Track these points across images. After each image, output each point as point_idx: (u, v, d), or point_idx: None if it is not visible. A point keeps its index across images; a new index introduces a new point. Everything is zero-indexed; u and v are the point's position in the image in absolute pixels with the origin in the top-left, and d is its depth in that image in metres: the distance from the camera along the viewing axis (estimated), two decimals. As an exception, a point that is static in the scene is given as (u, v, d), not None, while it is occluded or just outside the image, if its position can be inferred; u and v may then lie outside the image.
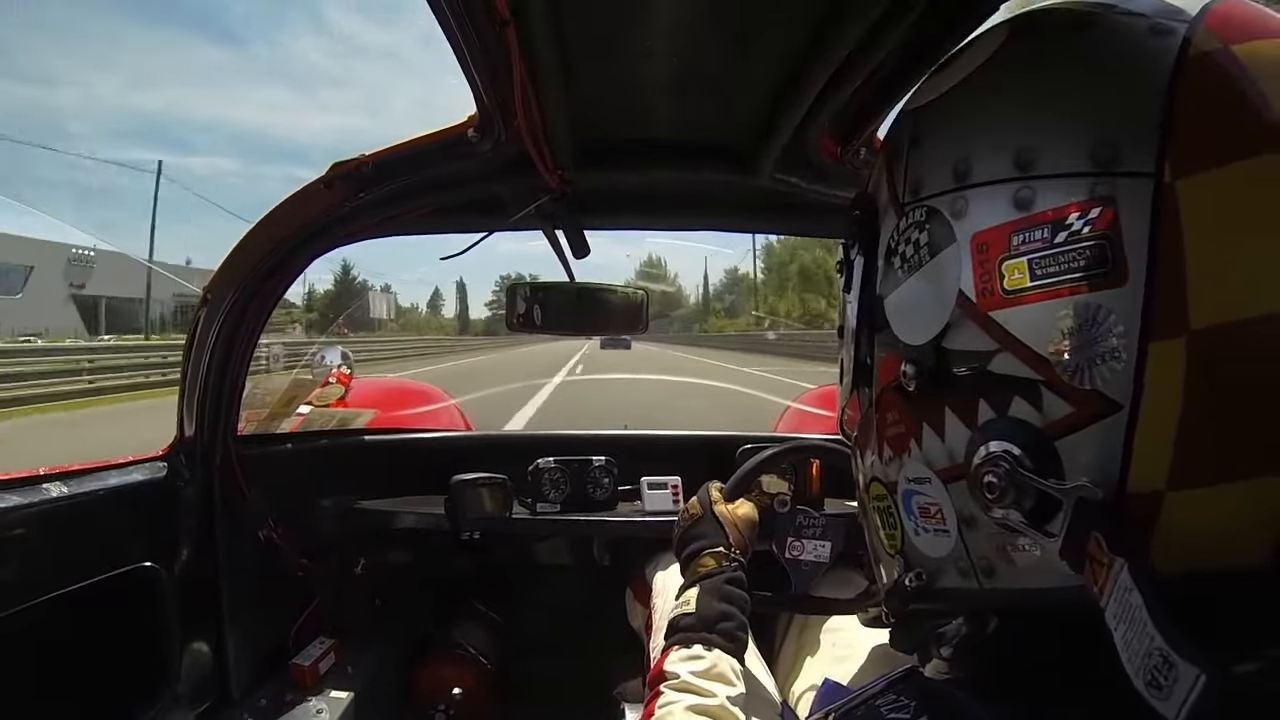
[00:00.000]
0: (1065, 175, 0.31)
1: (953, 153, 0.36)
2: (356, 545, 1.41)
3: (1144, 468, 0.30)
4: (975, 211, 0.34)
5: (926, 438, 0.37)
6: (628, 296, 1.14)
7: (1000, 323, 0.33)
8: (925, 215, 0.36)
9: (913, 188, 0.37)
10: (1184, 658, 0.25)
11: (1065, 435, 0.31)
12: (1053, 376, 0.31)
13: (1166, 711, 0.26)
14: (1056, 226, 0.31)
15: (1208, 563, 0.30)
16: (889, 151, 0.41)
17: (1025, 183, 0.32)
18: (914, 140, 0.38)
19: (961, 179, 0.35)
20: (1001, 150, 0.33)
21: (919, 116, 0.39)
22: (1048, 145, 0.32)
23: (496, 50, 0.66)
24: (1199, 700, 0.25)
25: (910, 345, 0.37)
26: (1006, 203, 0.33)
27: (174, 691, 0.98)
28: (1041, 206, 0.32)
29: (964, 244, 0.34)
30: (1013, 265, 0.32)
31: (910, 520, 0.39)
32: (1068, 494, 0.31)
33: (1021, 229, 0.32)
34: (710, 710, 0.65)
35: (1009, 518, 0.33)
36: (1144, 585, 0.27)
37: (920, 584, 0.39)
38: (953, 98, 0.37)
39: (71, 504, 0.86)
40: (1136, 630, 0.27)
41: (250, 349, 1.07)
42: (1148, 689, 0.27)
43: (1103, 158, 0.30)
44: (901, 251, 0.38)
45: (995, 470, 0.33)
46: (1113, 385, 0.30)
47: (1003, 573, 0.35)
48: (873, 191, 0.42)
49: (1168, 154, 0.29)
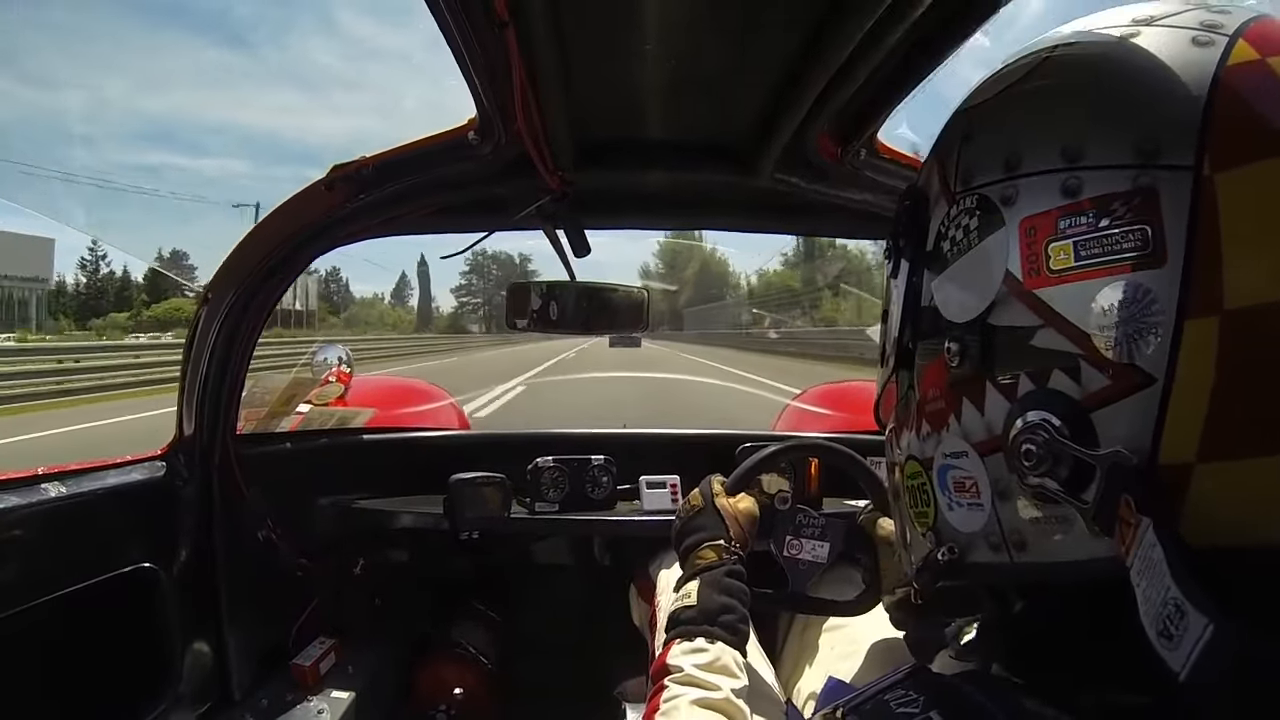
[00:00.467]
0: (1111, 167, 0.34)
1: (1004, 146, 0.38)
2: (356, 545, 1.41)
3: (1175, 439, 0.31)
4: (1025, 198, 0.36)
5: (966, 412, 0.39)
6: (630, 295, 1.14)
7: (1045, 300, 0.35)
8: (976, 202, 0.39)
9: (964, 178, 0.40)
10: (1195, 606, 0.27)
11: (1101, 407, 0.33)
12: (1092, 350, 0.33)
13: (1173, 663, 0.27)
14: (1101, 212, 0.34)
15: (1234, 537, 0.31)
16: (941, 148, 0.44)
17: (1073, 172, 0.35)
18: (966, 136, 0.41)
19: (1012, 169, 0.37)
20: (1051, 144, 0.36)
21: (972, 115, 0.42)
22: (1094, 139, 0.35)
23: (496, 53, 0.66)
24: (1206, 649, 0.26)
25: (955, 324, 0.39)
26: (1055, 190, 0.35)
27: (175, 692, 0.98)
28: (1088, 194, 0.34)
29: (1013, 227, 0.37)
30: (1059, 247, 0.35)
31: (944, 495, 0.41)
32: (1102, 460, 0.32)
33: (1069, 214, 0.35)
34: (715, 703, 0.66)
35: (1045, 486, 0.35)
36: (1167, 540, 0.29)
37: (952, 558, 0.41)
38: (1005, 97, 0.40)
39: (70, 504, 0.85)
40: (1155, 582, 0.29)
41: (250, 348, 1.07)
42: (1159, 639, 0.28)
43: (1146, 151, 0.33)
44: (951, 236, 0.40)
45: (1034, 439, 0.34)
46: (1149, 360, 0.32)
47: (1034, 546, 0.37)
48: (923, 184, 0.45)
49: (1207, 150, 0.31)
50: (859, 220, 1.01)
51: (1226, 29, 0.34)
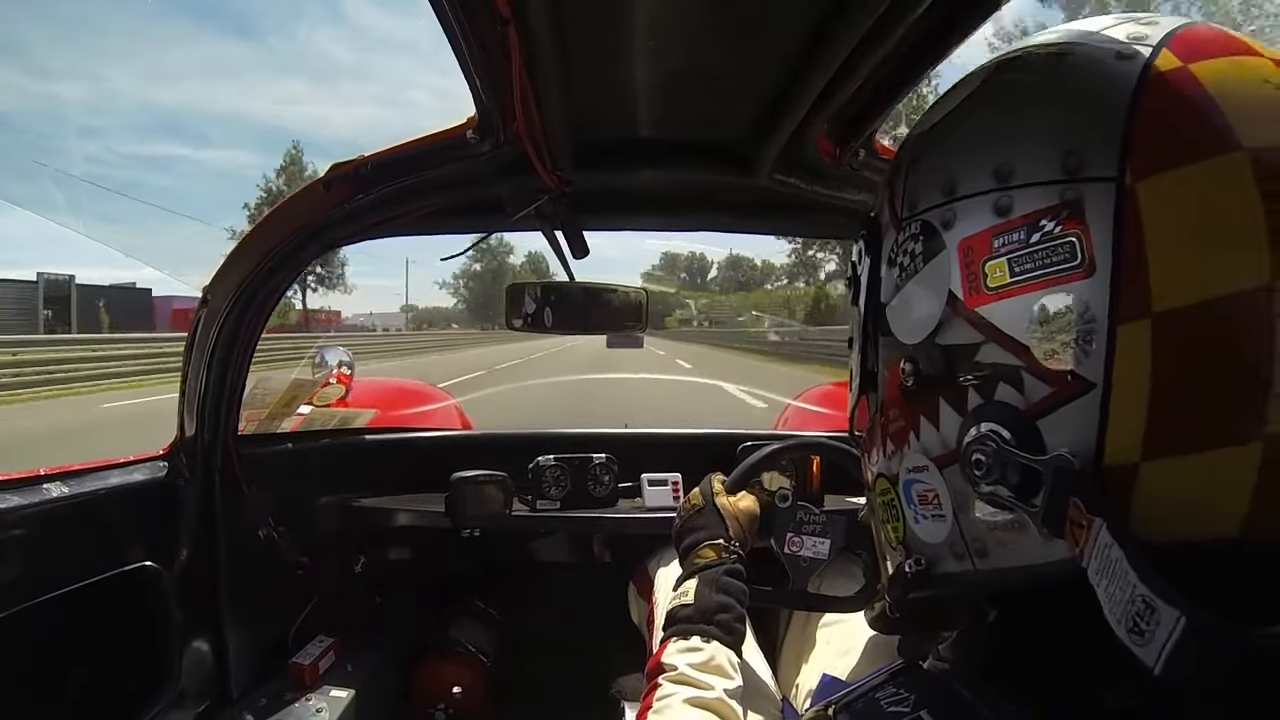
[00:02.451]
0: (1038, 184, 0.35)
1: (943, 171, 0.39)
2: (356, 544, 1.42)
3: (1118, 440, 0.32)
4: (962, 220, 0.38)
5: (924, 429, 0.40)
6: (628, 296, 1.14)
7: (985, 316, 0.36)
8: (920, 228, 0.40)
9: (909, 204, 0.42)
10: (1165, 600, 0.27)
11: (1046, 415, 0.34)
12: (1032, 361, 0.34)
13: (1146, 658, 0.28)
14: (1031, 228, 0.35)
15: (1183, 532, 0.32)
16: (892, 173, 0.45)
17: (1004, 192, 0.36)
18: (913, 162, 0.43)
19: (950, 193, 0.38)
20: (983, 165, 0.37)
21: (917, 141, 0.43)
22: (1023, 158, 0.36)
23: (496, 50, 0.66)
24: (1179, 642, 0.26)
25: (908, 345, 0.41)
26: (988, 211, 0.36)
27: (175, 691, 0.99)
28: (1018, 211, 0.35)
29: (952, 249, 0.38)
30: (994, 265, 0.36)
31: (910, 509, 0.42)
32: (1046, 464, 0.33)
33: (1001, 232, 0.36)
34: (708, 703, 0.66)
35: (997, 493, 0.36)
36: (1125, 538, 0.30)
37: (919, 569, 0.42)
38: (945, 123, 0.42)
39: (71, 504, 0.86)
40: (1118, 581, 0.29)
41: (250, 349, 1.07)
42: (1129, 636, 0.29)
43: (1070, 166, 0.34)
44: (900, 261, 0.42)
45: (983, 449, 0.36)
46: (1087, 366, 0.33)
47: (994, 553, 0.38)
48: (876, 213, 0.47)
49: (1128, 160, 0.32)
50: (857, 221, 1.01)
51: (1152, 39, 0.34)
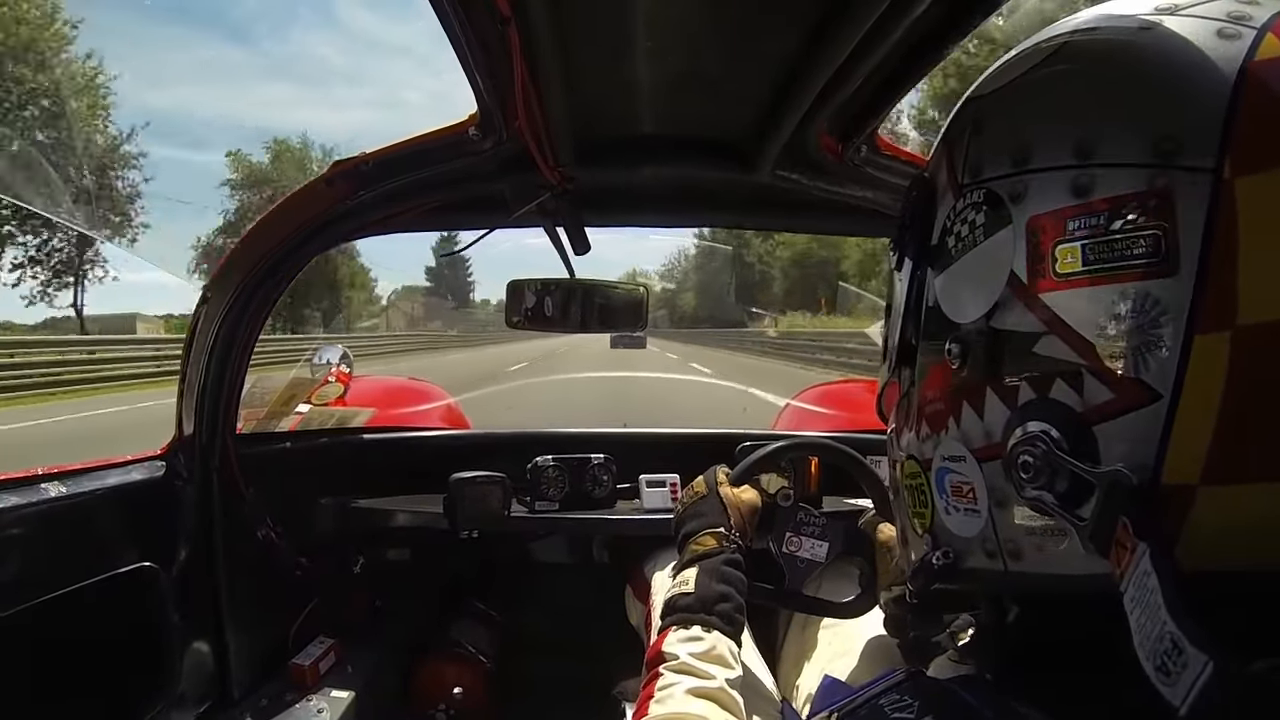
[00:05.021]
0: (1125, 165, 0.32)
1: (1014, 139, 0.36)
2: (355, 544, 1.41)
3: (1179, 460, 0.30)
4: (1033, 195, 0.35)
5: (965, 416, 0.38)
6: (629, 293, 1.14)
7: (1049, 305, 0.33)
8: (983, 197, 0.37)
9: (972, 171, 0.38)
10: (1194, 644, 0.26)
11: (1103, 421, 0.32)
12: (1096, 361, 0.32)
13: (1172, 698, 0.26)
14: (1113, 214, 0.32)
15: (1235, 562, 0.30)
16: (950, 136, 0.42)
17: (1085, 170, 0.33)
18: (976, 126, 0.39)
19: (1021, 164, 0.35)
20: (1063, 138, 0.34)
21: (982, 104, 0.40)
22: (1109, 136, 0.32)
23: (497, 48, 0.66)
24: (1205, 688, 0.25)
25: (957, 324, 0.38)
26: (1065, 188, 0.33)
27: (175, 692, 0.98)
28: (1099, 194, 0.32)
29: (1019, 226, 0.35)
30: (1066, 249, 0.33)
31: (941, 498, 0.40)
32: (1101, 478, 0.31)
33: (1078, 214, 0.33)
34: (710, 692, 0.65)
35: (1042, 499, 0.33)
36: (1162, 569, 0.28)
37: (947, 562, 0.40)
38: (1017, 86, 0.38)
39: (70, 504, 0.85)
40: (1150, 614, 0.28)
41: (250, 347, 1.06)
42: (1156, 674, 0.27)
43: (1164, 150, 0.31)
44: (957, 231, 0.39)
45: (1032, 450, 0.33)
46: (1155, 374, 0.30)
47: (1029, 557, 0.36)
48: (930, 175, 0.43)
49: (1229, 151, 0.29)
50: (860, 217, 1.01)
51: (1255, 21, 0.31)
